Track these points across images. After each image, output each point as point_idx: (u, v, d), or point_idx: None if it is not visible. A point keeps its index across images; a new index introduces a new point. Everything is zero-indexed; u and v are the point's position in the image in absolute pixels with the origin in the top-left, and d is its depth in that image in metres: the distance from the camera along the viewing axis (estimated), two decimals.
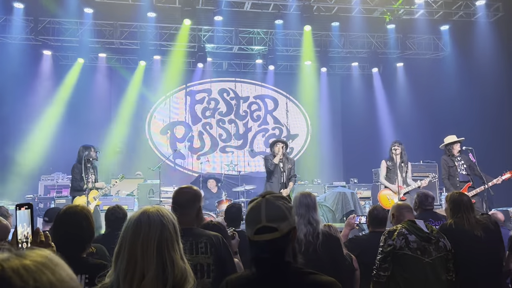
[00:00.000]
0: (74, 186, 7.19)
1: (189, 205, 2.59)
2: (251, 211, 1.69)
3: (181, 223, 2.44)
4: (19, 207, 1.56)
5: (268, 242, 1.62)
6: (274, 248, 1.63)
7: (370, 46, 12.31)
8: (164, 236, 1.64)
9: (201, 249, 2.45)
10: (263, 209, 1.65)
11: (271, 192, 1.76)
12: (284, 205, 1.68)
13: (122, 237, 1.65)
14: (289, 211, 1.69)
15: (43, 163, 10.97)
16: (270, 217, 1.63)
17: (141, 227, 1.63)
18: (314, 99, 13.78)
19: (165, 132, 13.34)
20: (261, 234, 1.62)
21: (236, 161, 12.82)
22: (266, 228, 1.62)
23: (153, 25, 11.13)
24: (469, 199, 3.77)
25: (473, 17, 11.03)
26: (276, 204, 1.67)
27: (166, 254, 1.62)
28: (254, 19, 11.39)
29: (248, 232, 1.67)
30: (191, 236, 2.47)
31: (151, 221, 1.65)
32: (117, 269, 1.60)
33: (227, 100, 13.82)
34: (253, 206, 1.69)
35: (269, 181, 7.27)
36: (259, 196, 1.75)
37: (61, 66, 12.06)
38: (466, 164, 7.07)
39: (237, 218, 4.32)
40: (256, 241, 1.64)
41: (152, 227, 1.63)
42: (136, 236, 1.62)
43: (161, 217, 1.67)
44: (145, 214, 1.67)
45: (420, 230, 3.30)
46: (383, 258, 3.33)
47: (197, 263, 2.40)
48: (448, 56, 12.09)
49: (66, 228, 2.27)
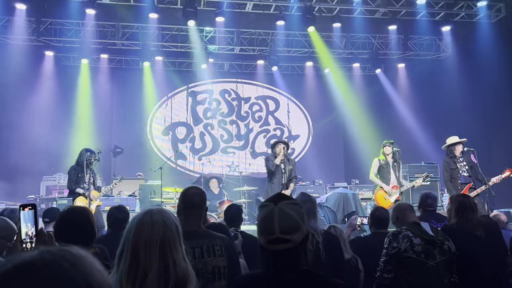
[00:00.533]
0: (68, 187, 7.26)
1: (200, 206, 2.56)
2: (264, 220, 1.65)
3: (193, 224, 2.46)
4: (23, 207, 1.57)
5: (281, 251, 1.61)
6: (287, 257, 1.63)
7: (372, 47, 12.31)
8: (166, 237, 1.65)
9: (217, 251, 2.42)
10: (276, 219, 1.61)
11: (283, 197, 1.71)
12: (297, 214, 1.65)
13: (125, 237, 1.66)
14: (302, 219, 1.66)
15: (45, 164, 11.00)
16: (284, 228, 1.60)
17: (144, 228, 1.64)
18: (315, 100, 13.78)
19: (166, 133, 13.35)
20: (274, 244, 1.61)
21: (238, 162, 12.82)
22: (279, 240, 1.60)
23: (155, 26, 11.15)
24: (473, 201, 3.76)
25: (475, 18, 11.02)
26: (290, 214, 1.63)
27: (169, 255, 1.63)
28: (255, 20, 11.40)
29: (260, 240, 1.65)
30: (206, 238, 2.45)
31: (154, 221, 1.66)
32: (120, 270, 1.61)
33: (229, 101, 13.84)
34: (265, 215, 1.65)
35: (270, 182, 7.27)
36: (270, 201, 1.70)
37: (63, 67, 12.11)
38: (468, 166, 7.03)
39: (237, 218, 4.31)
40: (269, 250, 1.63)
41: (155, 228, 1.64)
42: (139, 236, 1.63)
43: (164, 218, 1.68)
44: (148, 214, 1.68)
45: (425, 233, 3.28)
46: (387, 260, 3.31)
47: (215, 266, 2.38)
48: (449, 57, 12.08)
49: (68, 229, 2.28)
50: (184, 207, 2.55)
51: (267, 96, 14.05)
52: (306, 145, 13.98)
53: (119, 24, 11.22)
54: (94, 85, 12.37)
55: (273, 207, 1.66)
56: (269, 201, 1.70)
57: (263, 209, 1.69)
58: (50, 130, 11.31)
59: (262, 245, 1.65)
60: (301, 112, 14.13)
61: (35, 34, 10.77)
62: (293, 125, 14.07)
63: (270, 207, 1.66)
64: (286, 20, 11.04)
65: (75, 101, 11.72)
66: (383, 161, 7.40)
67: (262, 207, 1.71)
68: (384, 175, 7.39)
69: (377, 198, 7.49)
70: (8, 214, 4.49)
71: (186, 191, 2.65)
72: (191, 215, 2.52)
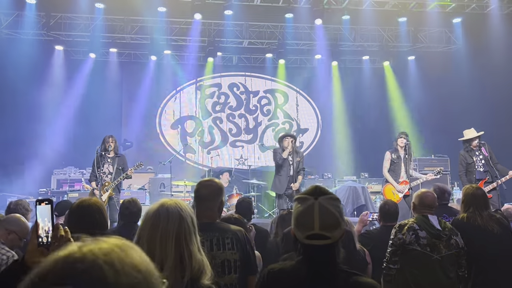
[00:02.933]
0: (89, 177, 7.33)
1: (213, 199, 2.55)
2: (303, 215, 1.61)
3: (205, 217, 2.46)
4: (39, 202, 1.58)
5: (320, 246, 1.59)
6: (325, 253, 1.61)
7: (381, 39, 12.20)
8: (182, 229, 1.66)
9: (227, 245, 2.42)
10: (316, 215, 1.58)
11: (322, 191, 1.67)
12: (337, 210, 1.62)
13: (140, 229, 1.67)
14: (341, 216, 1.63)
15: (55, 157, 11.10)
16: (324, 225, 1.58)
17: (159, 220, 1.65)
18: (324, 93, 13.72)
19: (175, 127, 13.40)
20: (313, 239, 1.59)
21: (246, 156, 12.84)
22: (318, 235, 1.58)
23: (164, 20, 11.14)
24: (483, 194, 3.73)
25: (486, 9, 10.86)
26: (330, 210, 1.60)
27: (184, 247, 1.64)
28: (264, 13, 11.33)
29: (298, 235, 1.62)
30: (217, 231, 2.45)
31: (170, 214, 1.67)
32: None
33: (237, 95, 13.83)
34: (305, 210, 1.61)
35: (278, 175, 7.29)
36: (309, 194, 1.65)
37: (72, 61, 12.18)
38: (484, 159, 6.95)
39: (248, 212, 4.33)
40: (307, 244, 1.61)
41: (171, 220, 1.66)
42: (154, 228, 1.64)
43: (179, 210, 1.69)
44: (164, 207, 1.69)
45: (432, 226, 3.28)
46: (393, 251, 3.34)
47: (225, 259, 2.38)
48: (460, 49, 11.94)
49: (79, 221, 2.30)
50: (196, 200, 2.57)
51: (275, 90, 14.02)
52: (315, 139, 13.95)
53: (128, 18, 11.23)
54: (103, 79, 12.42)
55: (313, 201, 1.62)
56: (308, 195, 1.66)
57: (301, 202, 1.65)
58: (60, 123, 11.41)
59: (299, 239, 1.63)
60: (310, 106, 14.08)
61: (44, 28, 10.84)
62: (301, 118, 14.03)
63: (310, 201, 1.62)
64: (295, 13, 10.97)
65: (84, 95, 11.77)
66: (394, 155, 7.38)
67: (300, 199, 1.66)
68: (395, 169, 7.37)
69: (386, 192, 7.49)
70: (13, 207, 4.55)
71: (198, 184, 2.66)
72: (201, 208, 2.52)
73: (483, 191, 3.76)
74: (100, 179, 6.98)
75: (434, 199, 3.47)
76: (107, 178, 7.09)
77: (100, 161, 6.98)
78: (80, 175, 11.12)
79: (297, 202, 1.68)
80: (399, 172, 7.37)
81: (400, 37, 12.07)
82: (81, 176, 11.09)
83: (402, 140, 7.35)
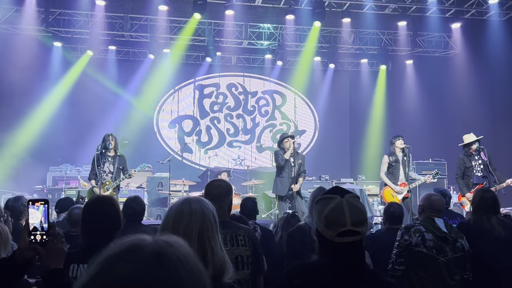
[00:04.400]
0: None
1: (223, 198, 2.58)
2: (334, 212, 1.65)
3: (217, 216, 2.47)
4: (33, 202, 1.61)
5: (350, 244, 1.63)
6: (356, 250, 1.65)
7: (380, 43, 12.26)
8: (205, 225, 1.66)
9: (240, 241, 2.47)
10: (346, 211, 1.63)
11: (345, 190, 1.72)
12: (363, 208, 1.69)
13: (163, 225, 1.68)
14: (366, 212, 1.71)
15: (51, 154, 11.02)
16: (355, 221, 1.63)
17: (182, 216, 1.66)
18: (322, 95, 13.75)
19: (173, 126, 13.36)
20: (344, 236, 1.62)
21: (243, 156, 12.83)
22: (350, 232, 1.62)
23: (164, 18, 11.11)
24: (493, 197, 3.73)
25: (485, 15, 10.95)
26: (359, 207, 1.66)
27: (207, 243, 1.64)
28: (264, 14, 11.35)
29: (328, 233, 1.64)
30: (230, 229, 2.49)
31: (193, 210, 1.67)
32: None
33: (235, 95, 13.82)
34: (335, 207, 1.65)
35: (279, 176, 7.26)
36: (334, 193, 1.70)
37: (71, 58, 12.10)
38: (483, 164, 6.98)
39: (253, 212, 4.33)
40: (336, 243, 1.64)
41: (194, 216, 1.66)
42: (177, 225, 1.64)
43: (202, 206, 1.70)
44: (187, 203, 1.70)
45: (438, 229, 3.29)
46: (399, 252, 3.35)
47: (238, 255, 2.43)
48: (458, 55, 12.02)
49: (95, 218, 2.29)
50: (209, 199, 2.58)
51: (274, 91, 14.03)
52: (312, 140, 13.97)
53: (127, 16, 11.18)
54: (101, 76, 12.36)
55: (340, 199, 1.66)
56: (333, 194, 1.70)
57: (329, 201, 1.68)
58: (57, 121, 11.33)
59: (329, 237, 1.64)
60: (308, 108, 14.11)
61: (43, 24, 10.75)
62: (299, 120, 14.06)
63: (337, 199, 1.67)
64: (296, 14, 10.99)
65: (82, 92, 11.69)
66: (392, 157, 7.36)
67: (325, 199, 1.70)
68: (394, 171, 7.35)
69: (385, 195, 7.48)
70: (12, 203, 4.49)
71: (207, 184, 2.70)
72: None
73: (492, 194, 3.76)
74: (100, 177, 6.92)
75: (443, 204, 3.49)
76: (107, 177, 7.04)
77: (100, 159, 6.92)
78: (76, 173, 11.05)
79: (322, 201, 1.71)
80: (397, 175, 7.36)
81: (399, 41, 12.13)
82: (77, 173, 11.01)
83: (401, 142, 7.34)
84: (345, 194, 1.68)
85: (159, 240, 0.75)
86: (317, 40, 11.95)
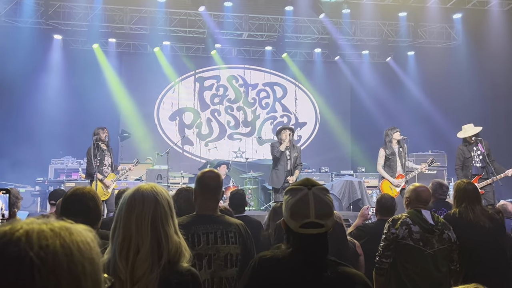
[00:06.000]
0: (87, 169, 7.28)
1: (217, 190, 2.53)
2: (298, 203, 1.64)
3: (209, 209, 2.45)
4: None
5: (313, 235, 1.63)
6: (318, 242, 1.65)
7: (381, 34, 12.17)
8: (158, 212, 1.68)
9: (231, 238, 2.41)
10: (311, 203, 1.62)
11: (313, 182, 1.71)
12: (330, 201, 1.68)
13: (117, 214, 1.71)
14: (333, 206, 1.70)
15: (53, 147, 11.09)
16: (319, 213, 1.62)
17: (135, 204, 1.68)
18: (323, 87, 13.70)
19: (173, 118, 13.38)
20: (307, 228, 1.62)
21: (244, 148, 12.84)
22: (313, 224, 1.62)
23: (163, 11, 11.09)
24: (475, 188, 3.74)
25: (487, 5, 10.84)
26: (324, 200, 1.65)
27: (161, 229, 1.66)
28: (264, 5, 11.29)
29: (292, 224, 1.64)
30: (221, 224, 2.43)
31: (145, 197, 1.70)
32: (114, 245, 1.66)
33: (236, 87, 13.80)
34: (300, 199, 1.65)
35: (275, 168, 7.27)
36: (302, 185, 1.69)
37: (71, 51, 12.11)
38: (482, 155, 6.96)
39: (241, 203, 4.35)
40: (300, 233, 1.64)
41: (146, 204, 1.68)
42: (130, 212, 1.67)
43: (155, 194, 1.72)
44: (139, 191, 1.72)
45: (425, 221, 3.29)
46: (386, 245, 3.36)
47: (228, 253, 2.37)
48: (460, 45, 11.93)
49: (73, 209, 2.30)
50: (201, 191, 2.50)
51: (274, 83, 14.00)
52: (313, 133, 13.95)
53: (127, 8, 11.17)
54: (102, 69, 12.38)
55: (307, 191, 1.66)
56: (301, 185, 1.70)
57: (295, 192, 1.68)
58: (58, 113, 11.38)
59: (293, 228, 1.65)
60: (309, 100, 14.07)
61: (43, 17, 10.78)
62: (300, 112, 14.03)
63: (304, 191, 1.66)
64: (295, 5, 10.93)
65: (83, 85, 11.72)
66: (388, 150, 7.34)
67: (293, 190, 1.70)
68: (391, 164, 7.33)
69: (383, 188, 7.47)
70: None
71: (203, 175, 2.57)
72: (207, 199, 2.50)
73: (474, 186, 3.78)
74: (101, 170, 6.99)
75: (430, 194, 3.49)
76: (108, 170, 7.12)
77: (96, 152, 6.95)
78: (78, 165, 11.12)
79: (289, 192, 1.71)
80: (395, 167, 7.35)
81: (400, 32, 12.03)
82: (78, 166, 11.09)
83: (398, 133, 7.32)
84: (313, 187, 1.68)
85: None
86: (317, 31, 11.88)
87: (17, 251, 0.70)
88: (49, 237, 0.73)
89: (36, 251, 0.70)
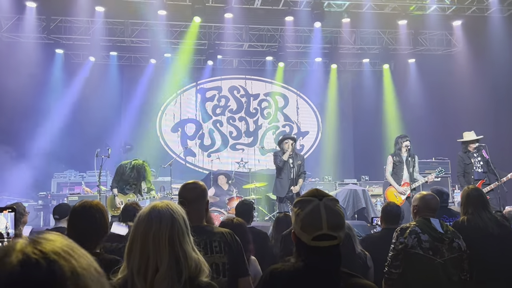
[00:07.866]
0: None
1: (199, 201, 2.52)
2: (310, 215, 1.61)
3: (192, 220, 2.43)
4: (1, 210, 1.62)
5: (326, 248, 1.59)
6: (332, 254, 1.61)
7: (382, 42, 12.21)
8: (175, 230, 1.66)
9: (215, 248, 2.38)
10: (323, 215, 1.59)
11: (323, 193, 1.68)
12: (341, 211, 1.64)
13: (133, 232, 1.68)
14: (345, 217, 1.66)
15: (55, 161, 11.08)
16: (332, 225, 1.59)
17: (152, 223, 1.66)
18: (325, 96, 13.72)
19: (176, 130, 13.39)
20: (320, 240, 1.59)
21: (247, 159, 12.81)
22: (326, 236, 1.58)
23: (164, 23, 11.15)
24: (480, 194, 3.70)
25: (486, 12, 10.86)
26: (336, 211, 1.62)
27: (179, 247, 1.65)
28: (264, 16, 11.35)
29: (304, 237, 1.61)
30: (204, 235, 2.40)
31: (162, 216, 1.68)
32: (130, 265, 1.63)
33: (238, 98, 13.83)
34: (311, 210, 1.61)
35: (279, 177, 7.26)
36: (312, 196, 1.66)
37: (73, 65, 12.18)
38: (483, 161, 6.97)
39: (248, 215, 4.31)
40: (312, 246, 1.60)
41: (163, 222, 1.66)
42: (147, 231, 1.65)
43: (171, 211, 1.70)
44: (155, 209, 1.70)
45: (434, 230, 3.24)
46: (395, 255, 3.30)
47: (213, 263, 2.34)
48: (460, 52, 11.94)
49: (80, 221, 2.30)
50: (181, 203, 2.48)
51: (276, 93, 14.02)
52: (315, 142, 13.94)
53: (128, 22, 11.24)
54: (103, 82, 12.43)
55: (318, 202, 1.62)
56: (311, 196, 1.67)
57: (305, 204, 1.65)
58: (61, 127, 11.39)
59: (305, 241, 1.61)
60: (310, 109, 14.08)
61: (45, 32, 10.84)
62: (302, 121, 14.03)
63: (315, 202, 1.63)
64: (295, 15, 10.99)
65: (85, 98, 11.76)
66: (396, 158, 7.35)
67: (303, 202, 1.67)
68: (398, 171, 7.35)
69: (388, 195, 7.46)
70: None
71: (181, 188, 2.60)
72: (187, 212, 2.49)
73: (480, 192, 3.73)
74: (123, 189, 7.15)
75: (438, 203, 3.45)
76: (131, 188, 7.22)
77: (124, 172, 7.17)
78: (80, 178, 11.10)
79: (299, 204, 1.68)
80: (401, 175, 7.36)
81: (400, 40, 12.06)
82: (81, 179, 11.07)
83: (408, 142, 7.33)
84: (323, 197, 1.64)
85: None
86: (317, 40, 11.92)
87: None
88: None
89: None
